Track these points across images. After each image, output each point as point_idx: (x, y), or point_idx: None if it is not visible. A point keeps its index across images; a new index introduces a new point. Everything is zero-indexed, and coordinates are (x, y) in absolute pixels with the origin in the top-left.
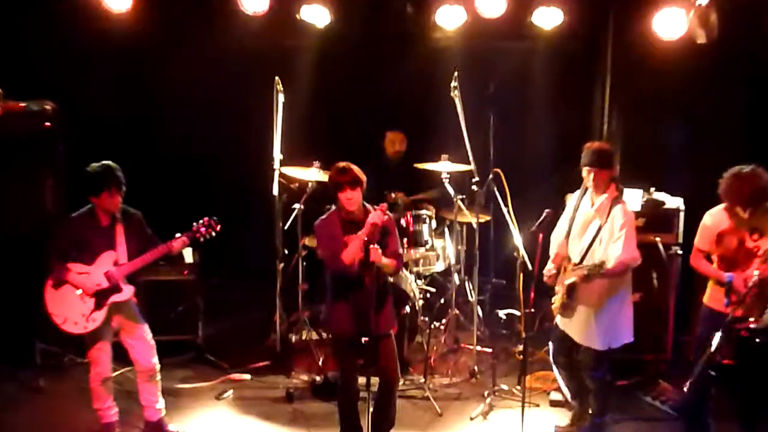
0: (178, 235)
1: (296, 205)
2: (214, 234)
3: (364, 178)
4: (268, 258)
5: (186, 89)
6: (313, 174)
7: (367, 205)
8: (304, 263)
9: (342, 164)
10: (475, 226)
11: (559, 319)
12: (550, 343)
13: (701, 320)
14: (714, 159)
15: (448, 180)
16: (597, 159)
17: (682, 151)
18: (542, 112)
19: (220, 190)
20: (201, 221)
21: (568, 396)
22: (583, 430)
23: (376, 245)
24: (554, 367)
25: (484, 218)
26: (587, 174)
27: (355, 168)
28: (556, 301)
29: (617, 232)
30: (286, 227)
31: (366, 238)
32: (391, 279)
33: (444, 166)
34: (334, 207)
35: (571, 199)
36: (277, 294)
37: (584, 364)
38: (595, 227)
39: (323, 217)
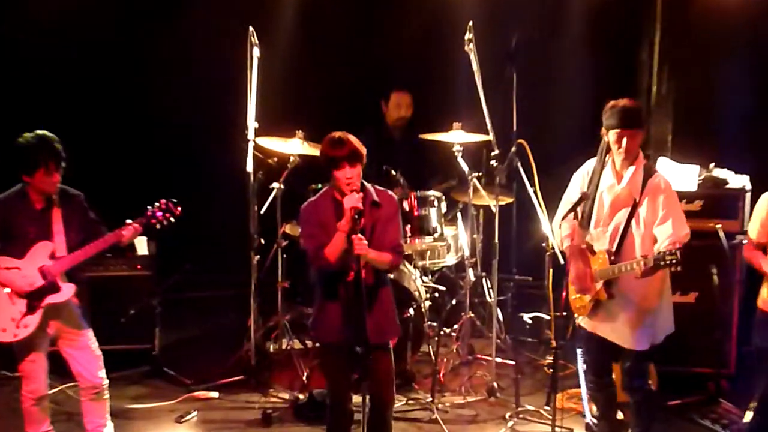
0: (128, 221)
1: (275, 185)
2: (173, 220)
3: (364, 151)
4: (241, 249)
5: (139, 41)
6: (295, 146)
7: (368, 186)
8: (285, 256)
9: (337, 134)
10: (494, 209)
11: (585, 321)
12: (579, 353)
13: (756, 327)
14: None
15: (461, 153)
16: (631, 118)
17: (746, 120)
18: (575, 72)
19: (182, 167)
20: (157, 204)
21: (591, 418)
22: None
23: (360, 235)
24: (582, 379)
25: (506, 200)
26: (617, 138)
27: (354, 139)
28: (583, 298)
29: (661, 210)
30: (262, 211)
31: (347, 229)
32: (391, 275)
33: (456, 137)
34: (321, 186)
35: (582, 175)
36: (252, 294)
37: (626, 370)
38: (628, 206)
39: (313, 198)
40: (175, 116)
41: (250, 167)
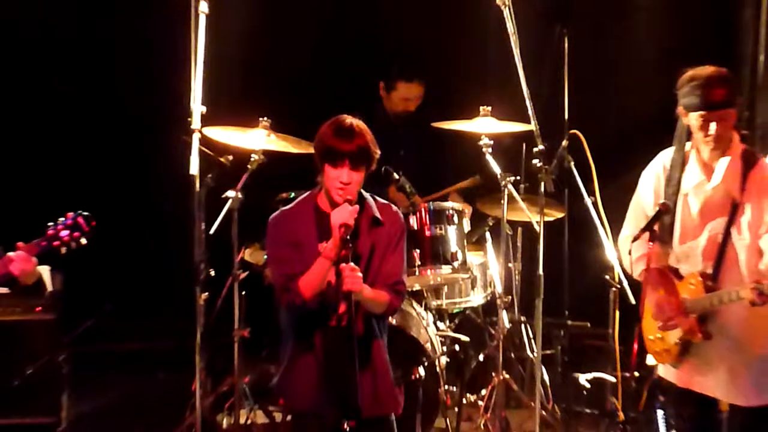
0: (20, 244)
1: (230, 193)
2: (84, 241)
3: (377, 154)
4: (183, 284)
5: (48, 3)
6: (258, 139)
7: (369, 198)
8: (244, 293)
9: (349, 120)
10: (538, 228)
11: (671, 372)
12: (660, 418)
13: None
14: None
15: (490, 151)
16: (720, 93)
17: None
18: (648, 37)
19: (103, 169)
20: (62, 219)
21: None
22: None
23: (351, 263)
24: None
25: (554, 215)
26: (702, 123)
27: (369, 134)
28: (666, 339)
29: None
30: (212, 231)
31: (333, 254)
32: (393, 320)
33: (484, 126)
34: (295, 196)
35: (655, 173)
36: (197, 346)
37: None
38: (726, 211)
39: (286, 208)
40: (97, 101)
41: (194, 169)
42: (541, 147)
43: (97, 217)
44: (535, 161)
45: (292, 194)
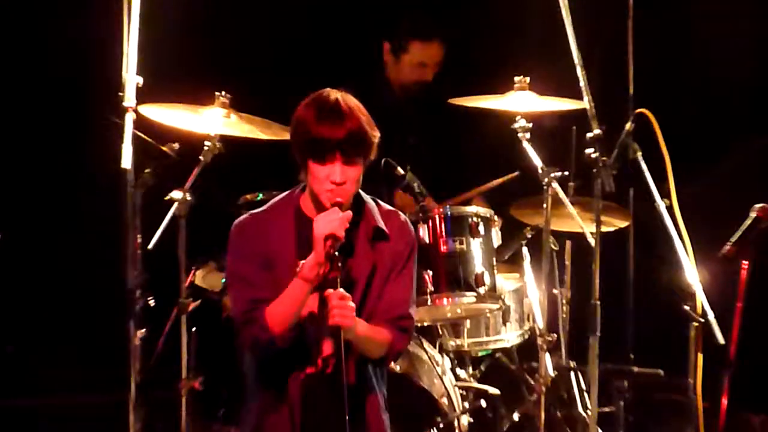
0: None
1: (176, 194)
2: None
3: (376, 138)
4: (112, 318)
5: None
6: (214, 121)
7: (370, 203)
8: (194, 329)
9: (335, 95)
10: (592, 241)
11: None
12: None
13: None
14: None
15: (528, 136)
16: None
17: None
18: None
19: (6, 162)
20: None
21: None
22: None
23: (340, 289)
24: None
25: (615, 224)
26: None
27: (364, 113)
28: None
29: None
30: (152, 244)
31: (313, 275)
32: (396, 367)
33: (520, 103)
34: (263, 198)
35: None
36: (131, 401)
37: None
38: None
39: (257, 211)
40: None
41: (126, 161)
42: (597, 131)
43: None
44: (590, 151)
45: (260, 196)
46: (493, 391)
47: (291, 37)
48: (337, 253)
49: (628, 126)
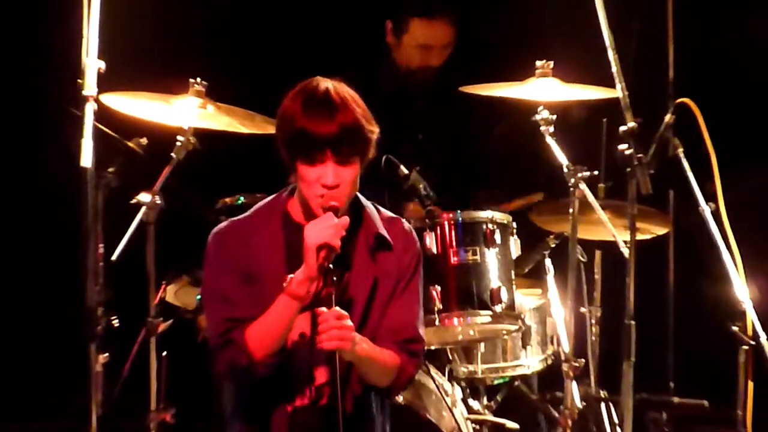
0: None
1: (143, 197)
2: None
3: (374, 134)
4: (72, 338)
5: None
6: (187, 112)
7: (370, 208)
8: (165, 353)
9: (324, 84)
10: (625, 252)
11: None
12: None
13: None
14: None
15: (551, 130)
16: None
17: None
18: None
19: None
20: None
21: None
22: None
23: (336, 308)
24: None
25: (652, 231)
26: None
27: (359, 103)
28: None
29: None
30: (116, 255)
31: (303, 291)
32: (399, 398)
33: (542, 91)
34: (244, 201)
35: None
36: None
37: None
38: None
39: (240, 218)
40: None
41: (87, 159)
42: (631, 124)
43: None
44: (623, 147)
45: (241, 199)
46: (512, 425)
47: (279, 14)
48: (331, 266)
49: (668, 118)
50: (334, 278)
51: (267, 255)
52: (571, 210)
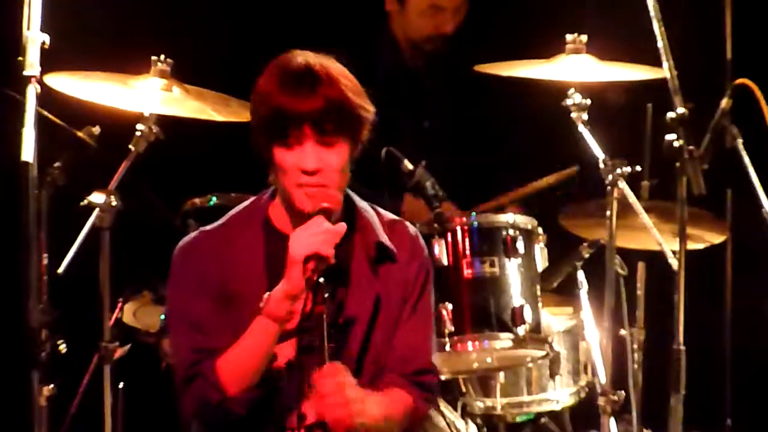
0: None
1: (96, 197)
2: None
3: (369, 113)
4: (10, 366)
5: None
6: (149, 96)
7: (367, 210)
8: (122, 384)
9: (298, 58)
10: (673, 264)
11: None
12: None
13: None
14: None
15: (585, 117)
16: None
17: None
18: None
19: None
20: None
21: None
22: None
23: (329, 345)
24: None
25: (706, 239)
26: None
27: (347, 75)
28: None
29: None
30: (63, 267)
31: (282, 313)
32: None
33: (574, 71)
34: (217, 201)
35: None
36: None
37: None
38: None
39: (210, 227)
40: None
41: (28, 153)
42: (681, 110)
43: None
44: (671, 138)
45: (213, 200)
46: None
47: None
48: (322, 280)
49: (725, 102)
50: (326, 295)
51: (245, 272)
52: (608, 213)
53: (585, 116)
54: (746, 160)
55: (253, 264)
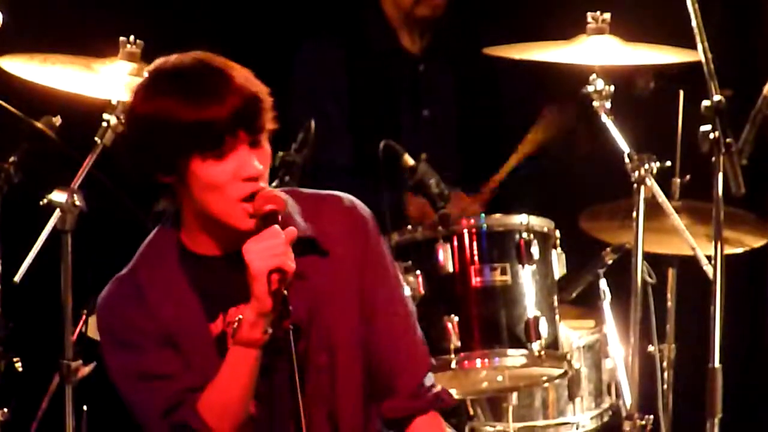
0: None
1: (55, 196)
2: None
3: (267, 90)
4: None
5: None
6: (116, 81)
7: (289, 200)
8: (86, 407)
9: (178, 59)
10: (709, 270)
11: None
12: None
13: None
14: None
15: (609, 106)
16: None
17: None
18: None
19: None
20: None
21: None
22: None
23: (293, 345)
24: None
25: (745, 243)
26: None
27: (232, 66)
28: None
29: None
30: (19, 275)
31: (259, 334)
32: None
33: (594, 53)
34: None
35: None
36: None
37: None
38: None
39: (123, 274)
40: None
41: None
42: (718, 98)
43: None
44: (706, 129)
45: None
46: None
47: None
48: (285, 292)
49: (766, 89)
50: (291, 307)
51: (176, 309)
52: (635, 214)
53: (608, 105)
54: None
55: (181, 297)
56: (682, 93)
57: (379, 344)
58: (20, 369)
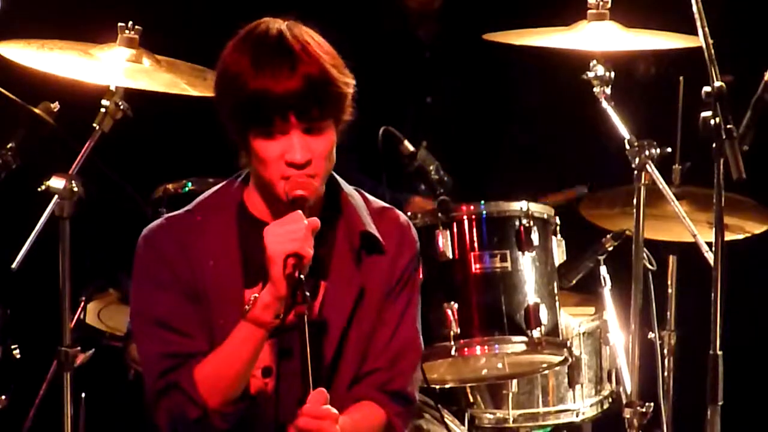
0: None
1: (53, 182)
2: None
3: (349, 87)
4: None
5: None
6: (115, 68)
7: (353, 194)
8: (84, 395)
9: (274, 27)
10: (710, 257)
11: None
12: None
13: None
14: None
15: (609, 92)
16: None
17: None
18: None
19: None
20: None
21: None
22: None
23: (307, 330)
24: None
25: (747, 229)
26: None
27: (322, 44)
28: None
29: None
30: (17, 262)
31: (270, 317)
32: None
33: (595, 39)
34: (191, 188)
35: None
36: None
37: None
38: None
39: (177, 214)
40: None
41: None
42: (719, 84)
43: None
44: (706, 115)
45: (188, 185)
46: None
47: None
48: (303, 277)
49: None
50: (307, 293)
51: (217, 265)
52: (635, 201)
53: (608, 91)
54: None
55: (226, 257)
56: (682, 79)
57: (378, 341)
58: (18, 356)
